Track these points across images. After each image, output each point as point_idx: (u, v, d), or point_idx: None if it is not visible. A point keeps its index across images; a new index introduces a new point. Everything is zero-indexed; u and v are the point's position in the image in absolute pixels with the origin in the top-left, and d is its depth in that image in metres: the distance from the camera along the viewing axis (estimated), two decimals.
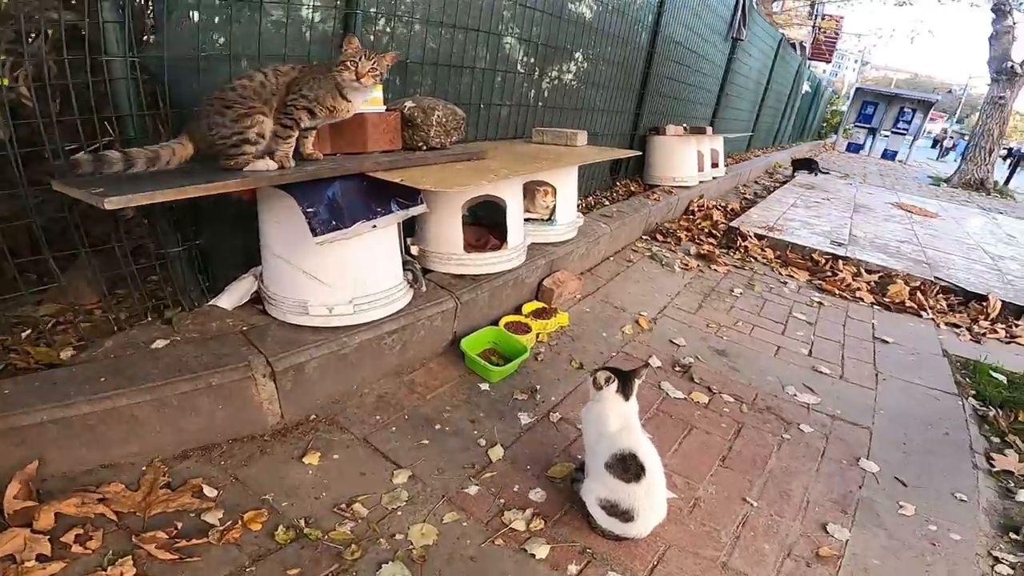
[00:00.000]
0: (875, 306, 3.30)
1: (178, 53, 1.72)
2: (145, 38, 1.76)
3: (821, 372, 2.40)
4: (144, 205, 1.20)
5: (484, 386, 1.89)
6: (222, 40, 1.80)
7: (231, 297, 1.70)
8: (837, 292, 3.41)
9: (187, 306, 1.68)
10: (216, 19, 1.78)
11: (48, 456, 1.22)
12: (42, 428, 1.19)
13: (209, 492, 1.32)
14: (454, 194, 2.06)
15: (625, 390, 1.37)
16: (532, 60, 3.02)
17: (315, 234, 1.48)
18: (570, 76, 3.40)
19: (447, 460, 1.54)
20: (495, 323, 2.17)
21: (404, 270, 1.90)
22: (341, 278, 1.62)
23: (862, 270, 3.69)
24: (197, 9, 1.72)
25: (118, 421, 1.27)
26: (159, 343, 1.45)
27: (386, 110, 1.93)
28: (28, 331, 1.50)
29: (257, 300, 1.75)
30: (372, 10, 2.10)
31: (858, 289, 3.43)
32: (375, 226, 1.62)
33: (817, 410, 2.10)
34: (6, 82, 1.62)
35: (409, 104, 1.98)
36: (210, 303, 1.67)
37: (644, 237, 3.94)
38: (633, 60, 4.10)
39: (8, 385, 1.23)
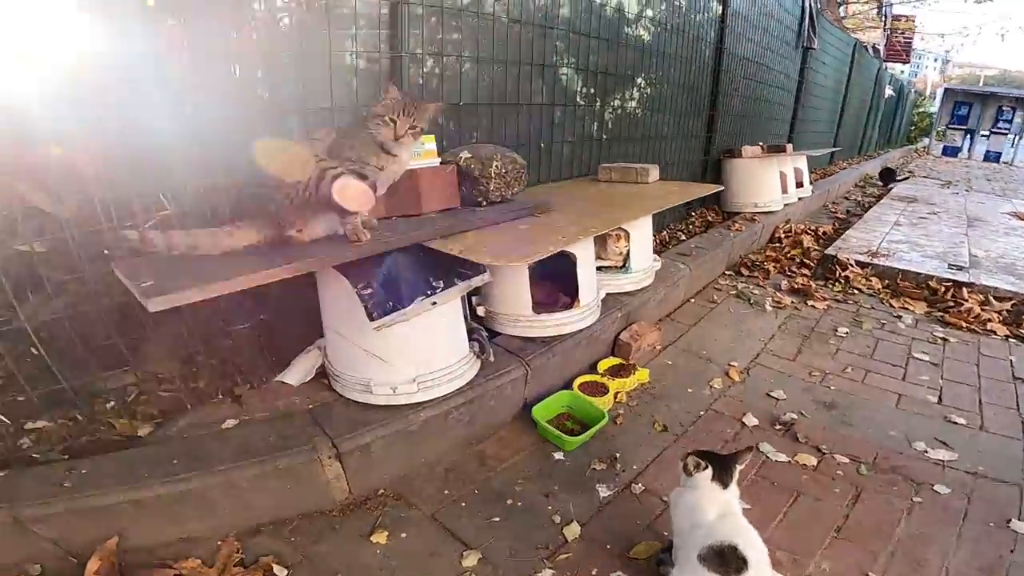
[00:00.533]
0: (1011, 339, 2.98)
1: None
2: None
3: (955, 423, 2.17)
4: None
5: (558, 455, 1.82)
6: (266, 96, 1.89)
7: (297, 372, 1.75)
8: (964, 325, 3.10)
9: (255, 383, 1.73)
10: (257, 72, 1.87)
11: (127, 532, 1.30)
12: (120, 508, 1.28)
13: (279, 572, 1.33)
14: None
15: (723, 477, 1.27)
16: (592, 91, 3.03)
17: (372, 318, 1.48)
18: (633, 104, 3.39)
19: (519, 540, 1.48)
20: (568, 384, 2.10)
21: (470, 340, 1.85)
22: (403, 357, 1.62)
23: (991, 297, 3.36)
24: (237, 62, 1.82)
25: (191, 501, 1.34)
26: (229, 423, 1.54)
27: (441, 163, 1.94)
28: (112, 402, 1.60)
29: (323, 373, 1.78)
30: (418, 51, 2.16)
31: (988, 320, 3.12)
32: (435, 303, 1.59)
33: (953, 467, 1.88)
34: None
35: (465, 155, 1.97)
36: (278, 378, 1.73)
37: (727, 272, 3.79)
38: (699, 80, 4.05)
39: (87, 465, 1.34)
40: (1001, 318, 3.15)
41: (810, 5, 5.78)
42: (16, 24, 1.35)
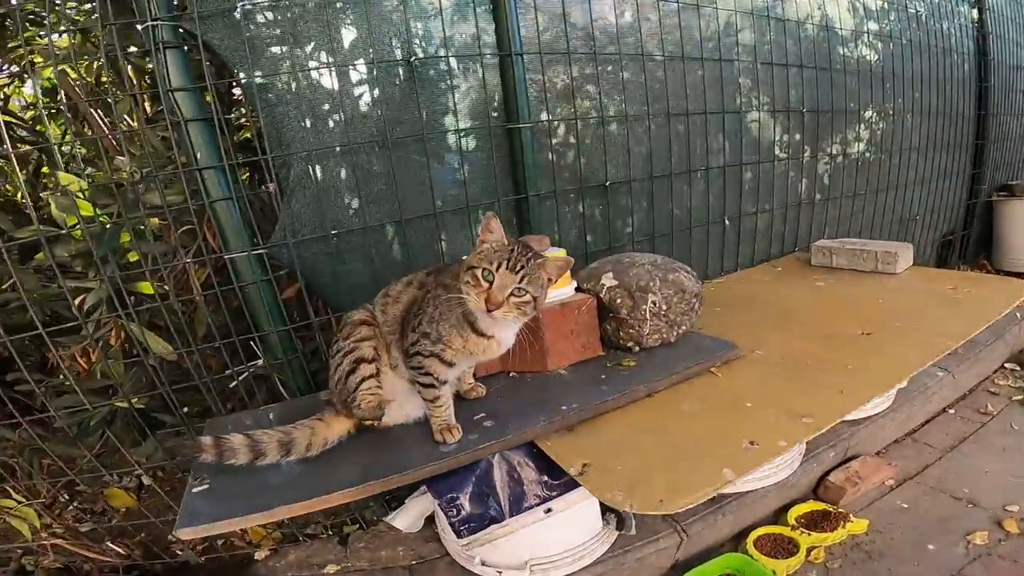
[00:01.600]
0: None
1: (307, 231, 1.47)
2: (269, 197, 1.56)
3: None
4: None
5: None
6: (355, 204, 1.50)
7: (407, 518, 1.58)
8: None
9: (364, 521, 1.66)
10: (342, 172, 1.50)
11: None
12: None
13: None
14: None
15: None
16: (797, 137, 2.32)
17: (459, 536, 1.21)
18: (860, 147, 2.56)
19: None
20: (740, 539, 1.61)
21: (606, 512, 1.45)
22: (512, 543, 1.33)
23: None
24: (316, 163, 1.46)
25: None
26: (330, 568, 1.53)
27: (576, 289, 1.46)
28: None
29: (434, 518, 1.61)
30: (543, 117, 1.67)
31: None
32: (550, 510, 1.24)
33: None
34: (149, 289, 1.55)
35: (609, 282, 1.46)
36: (387, 520, 1.59)
37: (1009, 366, 2.64)
38: (956, 104, 3.12)
39: None
40: None
41: None
42: None
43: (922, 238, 3.13)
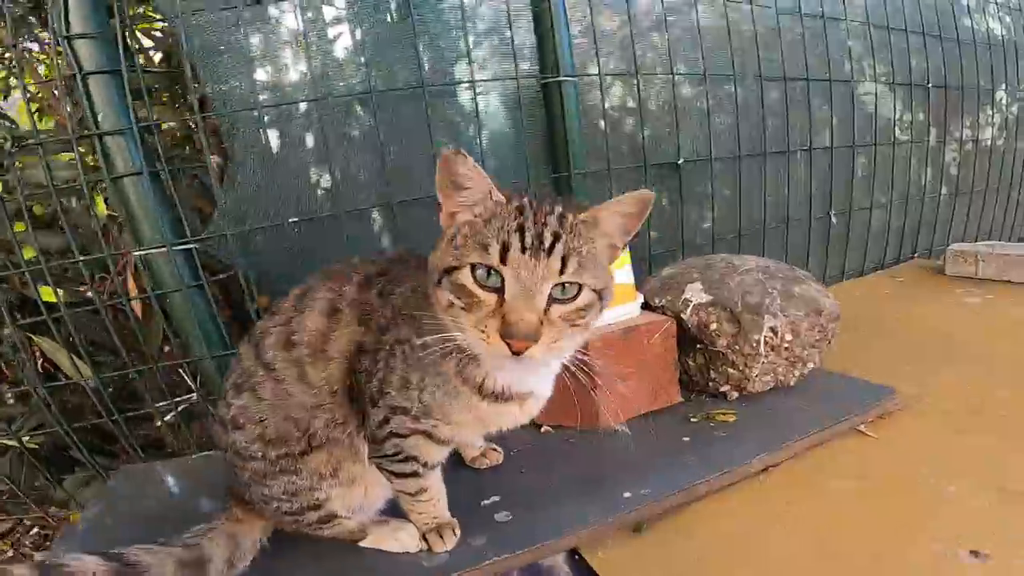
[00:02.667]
0: None
1: (258, 219, 1.02)
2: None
3: None
4: None
5: None
6: (326, 181, 1.06)
7: None
8: None
9: None
10: (307, 139, 1.05)
11: None
12: None
13: None
14: None
15: None
16: (920, 117, 1.77)
17: None
18: (992, 131, 1.97)
19: None
20: None
21: None
22: None
23: None
24: (271, 127, 1.02)
25: None
26: None
27: (643, 306, 0.97)
28: None
29: None
30: (592, 70, 1.22)
31: None
32: None
33: None
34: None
35: (696, 298, 0.96)
36: None
37: None
38: None
39: None
40: None
41: None
42: None
43: None
